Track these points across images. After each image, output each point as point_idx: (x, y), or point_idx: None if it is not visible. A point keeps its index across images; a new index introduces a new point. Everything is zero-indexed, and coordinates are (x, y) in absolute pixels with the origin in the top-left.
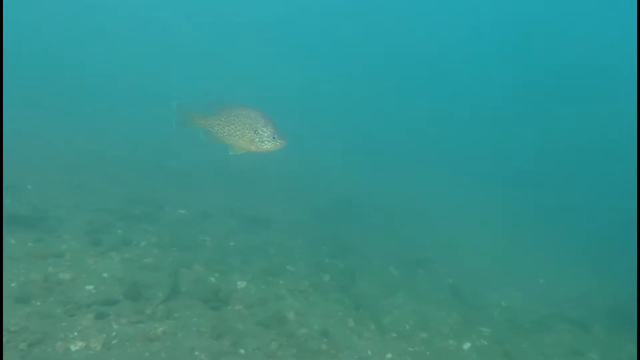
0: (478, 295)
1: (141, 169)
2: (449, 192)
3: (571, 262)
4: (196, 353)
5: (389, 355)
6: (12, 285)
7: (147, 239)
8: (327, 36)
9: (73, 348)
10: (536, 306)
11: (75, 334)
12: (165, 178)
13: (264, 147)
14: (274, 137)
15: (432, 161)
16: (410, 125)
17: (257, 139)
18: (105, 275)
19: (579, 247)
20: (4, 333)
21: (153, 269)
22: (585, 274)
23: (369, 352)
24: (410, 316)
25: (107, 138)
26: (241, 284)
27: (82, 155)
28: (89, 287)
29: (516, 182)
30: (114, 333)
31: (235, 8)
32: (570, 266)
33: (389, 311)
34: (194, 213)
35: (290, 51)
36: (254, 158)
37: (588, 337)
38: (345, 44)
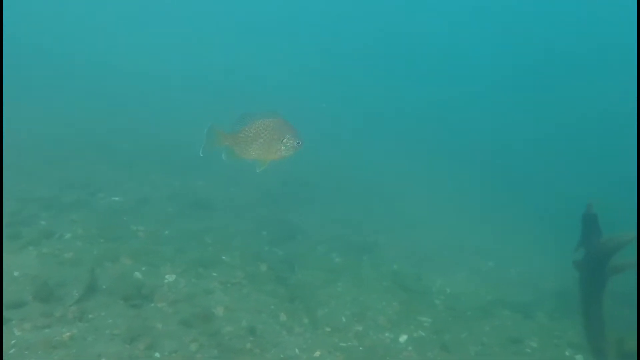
0: (423, 281)
1: (81, 150)
2: (408, 173)
3: (524, 243)
4: None
5: (317, 353)
6: None
7: (72, 230)
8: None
9: None
10: (482, 291)
11: None
12: (107, 160)
13: (286, 154)
14: (298, 143)
15: (395, 142)
16: (373, 105)
17: (284, 149)
18: (16, 274)
19: (532, 227)
20: None
21: (73, 264)
22: (537, 256)
23: (297, 350)
24: (348, 307)
25: (46, 116)
26: (170, 278)
27: (16, 135)
28: None
29: (472, 163)
30: (13, 341)
31: None
32: (523, 247)
33: (326, 302)
34: (130, 199)
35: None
36: None
37: (530, 324)
38: (304, 22)
